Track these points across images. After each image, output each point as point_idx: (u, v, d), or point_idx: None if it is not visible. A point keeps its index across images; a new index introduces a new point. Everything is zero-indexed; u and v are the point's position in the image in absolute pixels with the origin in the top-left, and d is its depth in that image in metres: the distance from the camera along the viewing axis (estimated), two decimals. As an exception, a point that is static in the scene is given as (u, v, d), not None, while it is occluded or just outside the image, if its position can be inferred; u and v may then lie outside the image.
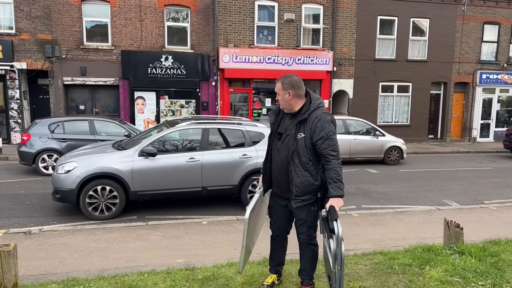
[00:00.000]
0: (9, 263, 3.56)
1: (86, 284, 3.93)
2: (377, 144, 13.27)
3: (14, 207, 7.37)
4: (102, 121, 11.28)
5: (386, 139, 13.42)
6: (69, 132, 10.73)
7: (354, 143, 12.96)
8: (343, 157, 12.70)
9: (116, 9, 15.53)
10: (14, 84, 15.00)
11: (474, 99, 20.04)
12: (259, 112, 17.46)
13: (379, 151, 13.29)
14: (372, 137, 13.33)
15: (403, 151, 13.43)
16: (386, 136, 13.52)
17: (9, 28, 14.92)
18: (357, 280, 4.03)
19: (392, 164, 13.25)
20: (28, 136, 10.47)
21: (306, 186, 3.30)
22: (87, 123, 10.94)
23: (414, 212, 7.33)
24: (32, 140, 10.40)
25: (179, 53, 16.12)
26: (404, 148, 13.48)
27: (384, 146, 13.30)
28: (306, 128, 3.28)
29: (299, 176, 3.29)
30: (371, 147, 13.23)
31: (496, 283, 3.92)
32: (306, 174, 3.29)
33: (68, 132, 10.72)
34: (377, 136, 13.34)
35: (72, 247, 5.33)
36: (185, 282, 3.95)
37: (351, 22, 17.67)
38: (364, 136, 13.32)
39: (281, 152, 3.41)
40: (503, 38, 19.84)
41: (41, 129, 10.53)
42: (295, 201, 3.35)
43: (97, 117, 11.80)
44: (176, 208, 7.51)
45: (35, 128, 10.59)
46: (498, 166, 13.27)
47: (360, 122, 13.84)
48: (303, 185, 3.30)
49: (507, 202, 8.30)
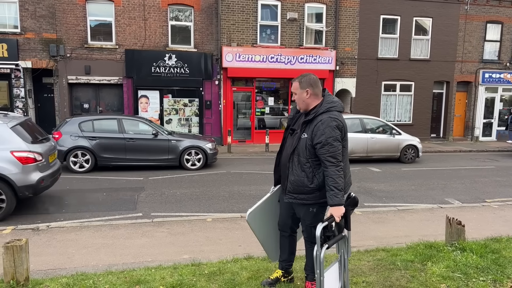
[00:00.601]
0: (21, 257, 3.66)
1: (95, 278, 4.02)
2: (393, 142, 13.39)
3: (22, 204, 7.47)
4: (130, 119, 11.57)
5: (403, 137, 13.56)
6: (98, 130, 10.99)
7: (371, 142, 13.08)
8: (360, 156, 12.97)
9: (120, 8, 15.62)
10: (19, 82, 15.12)
11: (477, 98, 20.06)
12: (262, 111, 17.54)
13: (396, 149, 13.41)
14: (388, 136, 13.41)
15: (418, 149, 13.59)
16: (403, 135, 13.65)
17: (14, 27, 15.03)
18: (360, 276, 4.11)
19: (408, 162, 13.42)
20: (59, 134, 10.72)
21: (299, 186, 3.31)
22: (115, 121, 11.19)
23: (416, 210, 7.41)
24: (63, 138, 10.67)
25: (183, 52, 16.20)
26: (419, 146, 13.66)
27: (401, 144, 13.43)
28: (309, 130, 3.29)
29: (294, 174, 3.34)
30: (387, 146, 13.34)
31: (496, 279, 3.99)
32: (301, 174, 3.30)
33: (97, 130, 10.97)
34: (393, 134, 13.46)
35: (79, 243, 5.44)
36: (192, 276, 4.04)
37: (354, 21, 17.71)
38: (381, 135, 13.38)
39: (287, 148, 3.49)
40: (505, 37, 19.84)
41: (71, 127, 10.82)
42: (288, 196, 3.43)
43: (125, 116, 12.06)
44: (180, 205, 7.61)
45: (66, 126, 10.86)
46: (500, 165, 13.31)
47: (377, 121, 13.98)
48: (296, 184, 3.33)
49: (509, 200, 8.35)
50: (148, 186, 9.15)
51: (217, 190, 8.84)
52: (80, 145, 10.68)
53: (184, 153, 11.28)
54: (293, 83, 3.44)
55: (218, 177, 10.34)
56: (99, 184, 9.32)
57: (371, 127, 13.47)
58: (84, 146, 10.69)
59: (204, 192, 8.64)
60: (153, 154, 11.08)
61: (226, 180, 10.03)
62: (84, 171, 10.67)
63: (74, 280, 3.97)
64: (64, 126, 10.88)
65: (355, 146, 12.73)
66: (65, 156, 10.60)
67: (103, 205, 7.54)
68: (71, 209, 7.23)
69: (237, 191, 8.81)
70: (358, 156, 13.02)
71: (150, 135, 11.14)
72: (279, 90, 17.92)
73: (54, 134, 10.85)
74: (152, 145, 11.09)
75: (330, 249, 3.14)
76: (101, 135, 10.88)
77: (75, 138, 10.71)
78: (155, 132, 11.20)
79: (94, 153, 10.73)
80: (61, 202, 7.67)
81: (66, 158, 10.62)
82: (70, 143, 10.63)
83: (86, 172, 10.65)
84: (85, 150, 10.70)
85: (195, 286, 3.81)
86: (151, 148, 11.07)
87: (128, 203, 7.66)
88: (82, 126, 10.87)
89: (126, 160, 10.97)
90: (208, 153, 11.42)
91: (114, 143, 10.86)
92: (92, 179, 9.84)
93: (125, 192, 8.56)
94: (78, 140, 10.71)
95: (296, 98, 3.42)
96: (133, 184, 9.33)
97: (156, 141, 11.11)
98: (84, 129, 10.86)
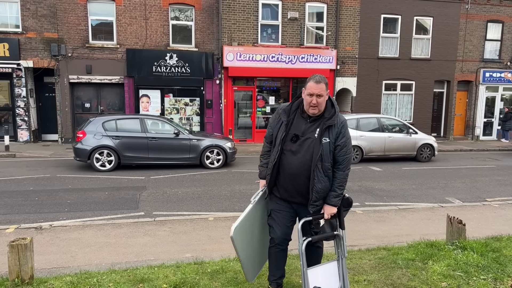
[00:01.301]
0: (26, 256, 3.69)
1: (98, 277, 4.06)
2: (410, 141, 13.55)
3: (24, 203, 7.51)
4: (152, 119, 11.77)
5: (419, 136, 13.74)
6: (122, 130, 11.13)
7: (389, 141, 13.27)
8: (378, 154, 13.22)
9: (122, 8, 15.65)
10: (20, 82, 15.16)
11: (477, 97, 20.07)
12: (263, 110, 17.56)
13: (412, 148, 13.58)
14: (405, 135, 13.58)
15: (434, 148, 13.78)
16: (419, 134, 13.84)
17: (15, 26, 15.07)
18: (361, 274, 4.14)
19: (424, 161, 13.59)
20: (83, 134, 10.85)
21: (325, 191, 3.24)
22: (138, 121, 11.36)
23: (417, 209, 7.44)
24: (87, 137, 10.78)
25: (184, 51, 16.23)
26: (435, 145, 13.87)
27: (417, 143, 13.60)
28: (332, 133, 3.19)
29: (321, 182, 3.19)
30: (405, 145, 13.52)
31: (497, 277, 4.02)
32: (326, 180, 3.22)
33: (120, 130, 11.09)
34: (410, 133, 13.62)
35: (82, 242, 5.47)
36: (195, 275, 4.08)
37: (355, 20, 17.72)
38: (398, 134, 13.55)
39: (298, 156, 3.23)
40: (506, 36, 19.84)
41: (95, 127, 10.94)
42: (313, 206, 3.25)
43: (148, 116, 12.24)
44: (182, 204, 7.64)
45: (90, 126, 10.98)
46: (501, 164, 13.33)
47: (394, 120, 14.17)
48: (323, 191, 3.22)
49: (510, 199, 8.38)
50: (150, 185, 9.19)
51: (219, 189, 8.87)
52: (104, 144, 10.79)
53: (204, 152, 11.45)
54: (317, 85, 3.13)
55: (219, 176, 10.37)
56: (101, 183, 9.36)
57: (388, 126, 13.68)
58: (108, 145, 10.80)
59: (206, 191, 8.68)
60: (175, 153, 11.25)
61: (227, 179, 10.06)
62: (108, 170, 10.80)
63: (78, 278, 4.00)
64: (88, 126, 11.00)
65: (373, 145, 13.05)
66: (89, 155, 10.72)
67: (105, 204, 7.57)
68: (73, 208, 7.26)
69: (239, 190, 8.85)
70: (376, 155, 13.26)
71: (172, 135, 11.32)
72: (280, 89, 17.95)
73: (78, 133, 11.07)
74: (174, 144, 11.26)
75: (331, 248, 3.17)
76: (124, 135, 11.03)
77: (99, 137, 10.82)
78: (177, 131, 11.39)
79: (117, 152, 10.86)
80: (64, 201, 7.70)
81: (90, 157, 10.75)
82: (94, 143, 10.75)
83: (109, 171, 10.79)
84: (108, 149, 10.82)
85: (198, 284, 3.85)
86: (173, 147, 11.25)
87: (130, 202, 7.69)
88: (106, 126, 11.01)
89: (148, 159, 11.13)
90: (227, 152, 11.62)
91: (137, 142, 11.02)
92: (94, 178, 9.88)
93: (127, 191, 8.60)
94: (102, 139, 10.82)
95: (320, 101, 3.16)
96: (135, 183, 9.36)
97: (177, 140, 11.30)
98: (108, 128, 11.00)
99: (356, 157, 12.88)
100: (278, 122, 3.35)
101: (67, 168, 11.07)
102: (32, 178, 9.65)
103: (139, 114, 13.60)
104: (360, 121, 13.27)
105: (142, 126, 11.21)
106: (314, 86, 3.13)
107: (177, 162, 11.37)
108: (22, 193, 8.20)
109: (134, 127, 11.24)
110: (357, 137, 12.77)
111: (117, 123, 11.16)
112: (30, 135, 15.56)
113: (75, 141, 11.11)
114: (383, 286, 3.88)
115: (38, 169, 10.77)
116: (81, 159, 10.93)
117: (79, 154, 10.84)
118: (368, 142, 13.05)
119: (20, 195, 8.08)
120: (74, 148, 10.96)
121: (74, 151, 10.98)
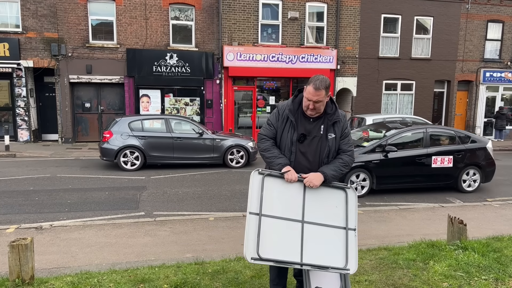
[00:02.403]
0: (26, 256, 3.69)
1: (99, 277, 4.05)
2: None
3: (24, 203, 7.51)
4: (176, 119, 11.94)
5: None
6: (147, 130, 11.31)
7: None
8: None
9: (122, 8, 15.63)
10: (20, 82, 15.15)
11: (478, 97, 20.06)
12: (263, 110, 17.55)
13: None
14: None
15: None
16: None
17: (15, 26, 15.05)
18: (362, 274, 4.13)
19: None
20: (110, 134, 10.98)
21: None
22: (163, 121, 11.55)
23: (418, 209, 7.43)
24: (113, 137, 10.92)
25: (184, 51, 16.22)
26: None
27: None
28: (338, 128, 3.22)
29: None
30: None
31: (498, 278, 4.01)
32: None
33: (146, 130, 11.25)
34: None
35: (83, 242, 5.46)
36: (195, 275, 4.07)
37: (355, 20, 17.71)
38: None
39: (307, 155, 3.21)
40: (507, 36, 19.83)
41: (121, 127, 11.11)
42: None
43: (172, 116, 12.42)
44: (182, 204, 7.63)
45: (116, 126, 11.13)
46: (501, 164, 13.30)
47: (416, 119, 14.20)
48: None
49: (510, 199, 8.38)
50: (150, 185, 9.18)
51: (219, 189, 8.87)
52: (130, 144, 10.94)
53: (228, 152, 11.56)
54: (317, 91, 3.04)
55: (219, 176, 10.36)
56: (102, 183, 9.35)
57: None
58: (135, 145, 10.96)
59: (206, 191, 8.67)
60: (199, 152, 11.40)
61: (227, 179, 10.06)
62: (135, 169, 10.94)
63: (79, 278, 4.00)
64: (114, 126, 11.16)
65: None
66: (116, 155, 10.86)
67: (106, 204, 7.57)
68: (73, 208, 7.25)
69: (239, 190, 8.84)
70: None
71: (195, 134, 11.50)
72: (280, 89, 17.94)
73: (104, 133, 11.20)
74: (198, 144, 11.43)
75: None
76: (150, 134, 11.20)
77: (126, 137, 10.97)
78: (201, 131, 11.57)
79: (143, 151, 10.99)
80: (64, 201, 7.70)
81: (117, 157, 10.87)
82: (120, 142, 10.90)
83: (136, 170, 10.90)
84: (135, 149, 10.97)
85: (199, 284, 3.84)
86: (197, 147, 11.40)
87: (130, 202, 7.69)
88: (132, 126, 11.17)
89: (173, 159, 11.27)
90: (250, 151, 11.77)
91: (162, 142, 11.17)
92: (94, 178, 9.87)
93: (127, 191, 8.59)
94: (128, 139, 10.97)
95: (318, 106, 3.11)
96: (135, 183, 9.36)
97: (201, 140, 11.50)
98: (134, 128, 11.16)
99: None
100: (283, 121, 3.24)
101: (67, 168, 11.06)
102: (33, 178, 9.64)
103: (164, 115, 13.84)
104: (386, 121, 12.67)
105: (167, 126, 11.40)
106: (313, 92, 3.05)
107: (201, 162, 11.53)
108: (22, 193, 8.20)
109: (159, 127, 11.47)
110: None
111: (142, 123, 11.35)
112: (30, 135, 15.55)
113: (102, 141, 11.25)
114: (384, 287, 3.88)
115: (38, 169, 10.76)
116: (107, 159, 11.07)
117: (105, 153, 10.98)
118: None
119: (21, 195, 8.07)
120: (101, 148, 11.10)
121: (101, 151, 11.12)
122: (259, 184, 3.00)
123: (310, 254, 2.92)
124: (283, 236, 2.94)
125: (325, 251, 2.96)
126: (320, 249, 2.96)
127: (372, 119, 13.27)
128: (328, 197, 3.14)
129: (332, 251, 2.97)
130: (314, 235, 2.99)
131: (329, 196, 3.15)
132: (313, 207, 3.08)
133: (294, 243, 2.94)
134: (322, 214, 3.07)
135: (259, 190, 2.98)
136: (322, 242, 2.99)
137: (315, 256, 2.92)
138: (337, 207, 3.13)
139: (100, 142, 11.35)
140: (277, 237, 2.92)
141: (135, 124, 11.22)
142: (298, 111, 3.26)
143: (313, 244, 2.96)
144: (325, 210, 3.09)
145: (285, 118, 3.24)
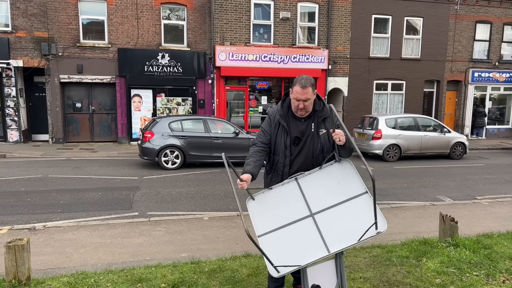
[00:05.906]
0: (23, 256, 3.68)
1: (96, 277, 4.05)
2: (444, 140, 14.20)
3: (16, 204, 7.45)
4: (213, 120, 12.26)
5: (452, 135, 14.40)
6: (187, 130, 11.63)
7: (425, 139, 13.92)
8: (415, 152, 13.83)
9: (113, 7, 15.55)
10: (10, 81, 14.99)
11: (467, 97, 20.35)
12: (255, 110, 17.60)
13: (446, 146, 14.21)
14: (439, 134, 14.20)
15: (466, 146, 14.37)
16: (452, 133, 14.53)
17: (5, 25, 14.88)
18: (357, 272, 4.20)
19: (456, 158, 14.21)
20: (151, 134, 11.19)
21: None
22: (201, 121, 11.87)
23: (409, 208, 7.53)
24: (155, 137, 11.19)
25: (176, 51, 16.19)
26: (467, 144, 14.47)
27: (450, 142, 14.26)
28: (328, 123, 3.23)
29: None
30: (439, 143, 14.18)
31: (489, 273, 4.11)
32: None
33: (185, 130, 11.58)
34: (444, 132, 14.22)
35: (77, 242, 5.45)
36: (192, 274, 4.10)
37: (346, 20, 17.84)
38: (433, 133, 14.18)
39: (301, 156, 3.27)
40: (494, 36, 20.15)
41: (162, 127, 11.38)
42: None
43: (210, 117, 12.70)
44: (176, 204, 7.64)
45: (156, 126, 11.39)
46: (490, 163, 13.55)
47: (428, 119, 14.78)
48: None
49: (499, 197, 8.52)
50: (143, 185, 9.16)
51: (213, 189, 8.89)
52: (171, 143, 11.19)
53: None
54: (304, 89, 3.08)
55: (212, 176, 10.38)
56: (94, 183, 9.31)
57: (424, 125, 14.24)
58: (175, 144, 11.21)
59: (200, 191, 8.68)
60: (236, 151, 11.39)
61: (220, 178, 10.08)
62: (175, 168, 11.20)
63: (75, 279, 4.00)
64: (155, 126, 11.40)
65: (410, 143, 13.69)
66: (157, 154, 11.07)
67: (99, 204, 7.54)
68: (66, 209, 7.21)
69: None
70: (413, 153, 13.85)
71: (232, 134, 11.77)
72: (272, 89, 18.00)
73: (145, 133, 11.34)
74: (234, 143, 11.66)
75: None
76: (190, 134, 11.50)
77: (166, 137, 11.22)
78: (237, 131, 11.91)
79: (183, 151, 11.21)
80: (57, 201, 7.65)
81: (158, 156, 11.08)
82: (162, 142, 11.15)
83: (176, 169, 11.12)
84: (175, 148, 11.23)
85: (196, 283, 3.87)
86: (234, 146, 11.58)
87: (124, 203, 7.67)
88: (172, 126, 11.43)
89: (212, 158, 11.49)
90: None
91: (201, 142, 11.46)
92: (86, 178, 9.81)
93: (120, 191, 8.56)
94: (169, 139, 11.22)
95: (307, 104, 3.16)
96: (128, 184, 9.33)
97: (238, 139, 11.75)
98: (174, 128, 11.42)
99: (395, 155, 13.46)
100: (276, 127, 3.29)
101: (59, 169, 10.98)
102: (24, 179, 9.56)
103: (202, 115, 14.10)
104: (398, 120, 13.90)
105: (205, 126, 11.67)
106: (300, 91, 3.09)
107: (238, 161, 11.44)
108: (14, 194, 8.12)
109: (198, 127, 11.74)
110: (396, 135, 13.48)
111: (182, 123, 11.61)
112: (20, 135, 15.38)
113: (142, 141, 11.35)
114: (379, 283, 3.95)
115: (29, 170, 10.66)
116: (148, 158, 11.28)
117: (147, 153, 11.20)
118: (406, 140, 13.66)
119: (12, 195, 8.00)
120: (142, 147, 11.28)
121: (142, 150, 11.34)
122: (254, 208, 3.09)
123: (335, 241, 2.79)
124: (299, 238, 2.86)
125: (348, 229, 2.82)
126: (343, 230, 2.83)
127: (385, 119, 13.86)
128: (325, 180, 3.10)
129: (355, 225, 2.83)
130: (330, 220, 2.88)
131: (325, 179, 3.11)
132: (316, 196, 3.03)
133: (314, 239, 2.84)
134: (328, 196, 3.00)
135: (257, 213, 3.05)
136: (342, 222, 2.86)
137: (340, 239, 2.79)
138: (339, 183, 3.09)
139: (141, 141, 11.51)
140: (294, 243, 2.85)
141: (175, 124, 11.50)
142: (288, 114, 3.31)
143: (333, 230, 2.84)
144: (329, 192, 3.02)
145: (277, 124, 3.29)
